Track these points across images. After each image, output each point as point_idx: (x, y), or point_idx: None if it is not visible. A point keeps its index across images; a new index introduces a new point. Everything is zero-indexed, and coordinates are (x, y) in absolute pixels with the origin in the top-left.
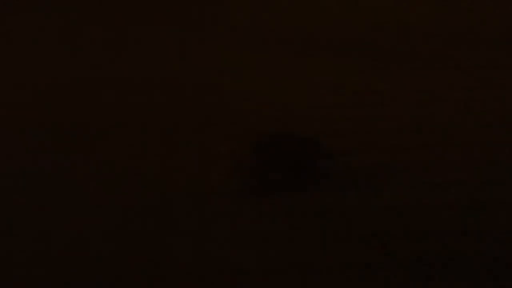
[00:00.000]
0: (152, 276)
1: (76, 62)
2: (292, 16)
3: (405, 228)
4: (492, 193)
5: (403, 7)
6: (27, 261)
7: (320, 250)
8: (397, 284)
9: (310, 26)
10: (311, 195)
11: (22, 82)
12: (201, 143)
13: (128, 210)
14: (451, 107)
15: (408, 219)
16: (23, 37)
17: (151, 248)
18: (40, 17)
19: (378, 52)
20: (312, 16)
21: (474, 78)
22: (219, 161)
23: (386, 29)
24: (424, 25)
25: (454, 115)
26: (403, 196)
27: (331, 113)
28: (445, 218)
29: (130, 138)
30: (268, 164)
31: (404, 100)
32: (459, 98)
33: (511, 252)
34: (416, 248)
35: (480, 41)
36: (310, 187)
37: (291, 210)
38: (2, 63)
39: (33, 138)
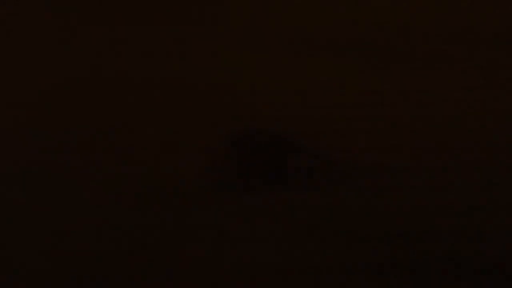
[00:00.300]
0: (133, 275)
1: (76, 62)
2: (292, 16)
3: (404, 228)
4: (492, 194)
5: (403, 7)
6: (27, 261)
7: (313, 250)
8: (394, 285)
9: (310, 26)
10: (306, 194)
11: (21, 82)
12: (200, 143)
13: (118, 209)
14: (451, 107)
15: (408, 219)
16: (22, 36)
17: (137, 246)
18: (41, 17)
19: (378, 52)
20: (312, 16)
21: (474, 78)
22: (218, 160)
23: (386, 29)
24: (424, 25)
25: (454, 115)
26: (403, 197)
27: (330, 113)
28: (445, 219)
29: (128, 138)
30: (267, 164)
31: (404, 100)
32: (459, 98)
33: (507, 255)
34: (414, 249)
35: (480, 41)
36: (305, 186)
37: (284, 208)
38: (2, 63)
39: (33, 138)
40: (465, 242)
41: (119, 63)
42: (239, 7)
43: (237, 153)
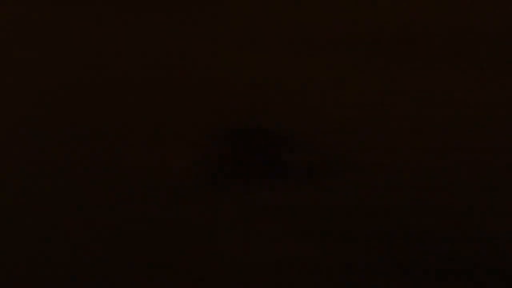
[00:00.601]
0: (133, 275)
1: (74, 61)
2: (292, 15)
3: (404, 228)
4: (493, 194)
5: (403, 6)
6: (27, 261)
7: (312, 249)
8: (394, 286)
9: (310, 25)
10: (305, 193)
11: (20, 81)
12: (198, 142)
13: (118, 209)
14: (451, 107)
15: (408, 219)
16: (22, 35)
17: (137, 246)
18: (40, 14)
19: (377, 52)
20: (312, 16)
21: (474, 78)
22: (216, 159)
23: (386, 29)
24: (424, 25)
25: (454, 115)
26: (403, 196)
27: (330, 112)
28: (445, 219)
29: (127, 137)
30: (265, 163)
31: (403, 100)
32: (459, 98)
33: (507, 256)
34: (414, 249)
35: (480, 41)
36: (304, 185)
37: (282, 207)
38: (2, 63)
39: (33, 138)
40: (465, 242)
41: (119, 62)
42: (239, 6)
43: (235, 151)
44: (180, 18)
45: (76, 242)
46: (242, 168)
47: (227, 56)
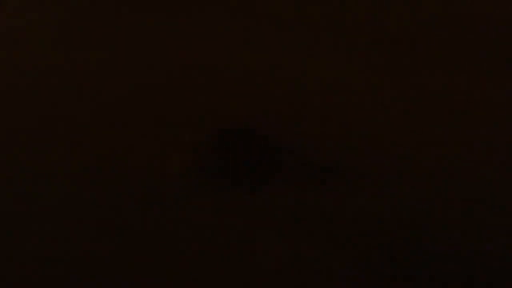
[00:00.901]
0: (132, 275)
1: (72, 60)
2: (292, 14)
3: (403, 230)
4: (492, 194)
5: (403, 6)
6: (27, 261)
7: (307, 253)
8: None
9: (310, 25)
10: (300, 196)
11: (19, 80)
12: (194, 143)
13: (118, 209)
14: (451, 108)
15: (404, 220)
16: (21, 36)
17: (136, 246)
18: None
19: (378, 52)
20: (312, 15)
21: (475, 77)
22: (209, 161)
23: (386, 29)
24: (423, 24)
25: (455, 116)
26: (402, 197)
27: (327, 114)
28: (445, 220)
29: (125, 137)
30: (258, 165)
31: (403, 101)
32: (459, 98)
33: (506, 256)
34: (414, 249)
35: (480, 41)
36: (299, 188)
37: (275, 209)
38: (2, 62)
39: (32, 138)
40: (465, 243)
41: (118, 62)
42: (239, 6)
43: (235, 152)
44: (180, 18)
45: (77, 242)
46: (242, 169)
47: (227, 56)
